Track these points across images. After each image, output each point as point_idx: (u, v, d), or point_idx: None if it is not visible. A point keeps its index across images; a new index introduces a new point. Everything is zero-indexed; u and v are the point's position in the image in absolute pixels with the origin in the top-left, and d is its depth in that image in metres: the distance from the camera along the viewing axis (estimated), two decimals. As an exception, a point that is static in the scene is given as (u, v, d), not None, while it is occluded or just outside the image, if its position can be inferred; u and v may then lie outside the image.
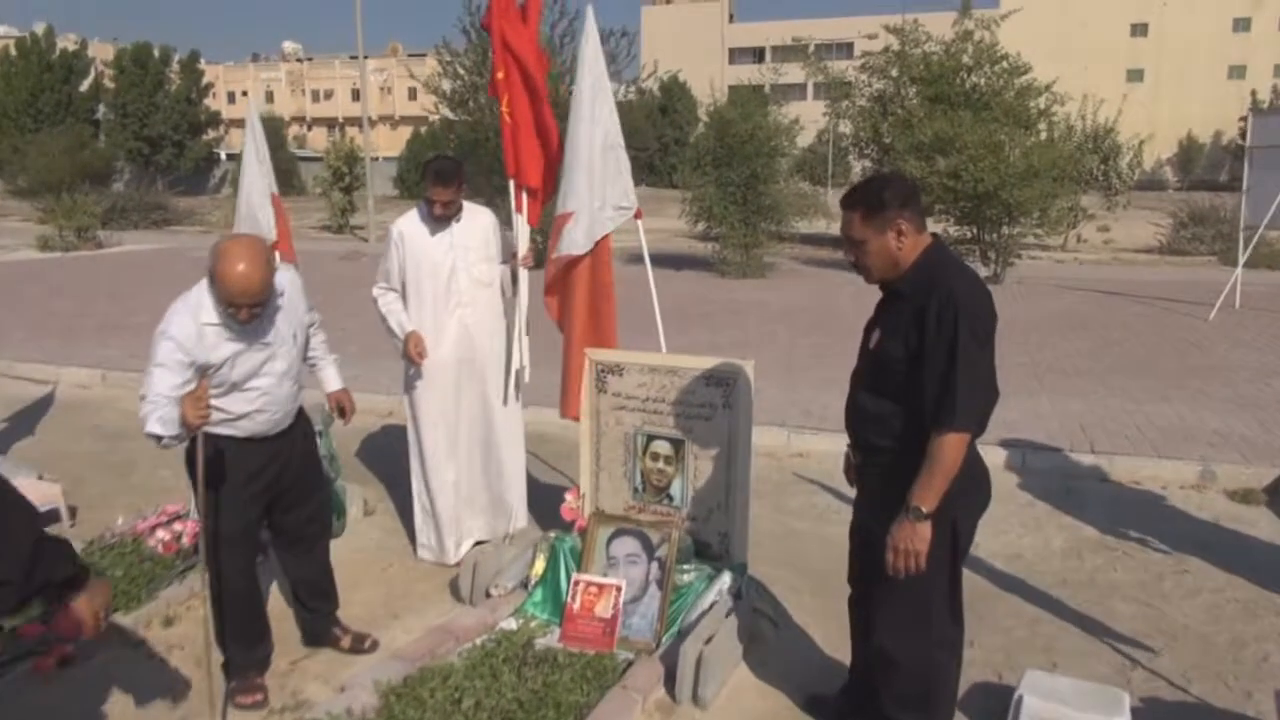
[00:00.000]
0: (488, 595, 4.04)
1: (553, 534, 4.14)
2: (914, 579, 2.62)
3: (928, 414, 2.55)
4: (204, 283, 3.08)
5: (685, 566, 3.82)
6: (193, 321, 3.04)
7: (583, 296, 4.36)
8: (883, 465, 2.76)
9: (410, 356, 4.29)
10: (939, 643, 2.80)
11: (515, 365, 4.51)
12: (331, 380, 3.79)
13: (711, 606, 3.64)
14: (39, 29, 50.65)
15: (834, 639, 3.69)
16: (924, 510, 2.55)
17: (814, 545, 4.77)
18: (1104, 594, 4.25)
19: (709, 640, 3.38)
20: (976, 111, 16.33)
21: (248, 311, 3.00)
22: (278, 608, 3.98)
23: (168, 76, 51.32)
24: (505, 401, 4.55)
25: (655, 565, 3.81)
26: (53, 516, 4.87)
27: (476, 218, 4.41)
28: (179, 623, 3.93)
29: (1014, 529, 5.00)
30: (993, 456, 5.65)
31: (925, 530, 2.56)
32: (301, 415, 3.51)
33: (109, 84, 51.30)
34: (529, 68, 4.28)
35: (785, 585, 4.31)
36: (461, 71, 18.24)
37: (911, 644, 2.77)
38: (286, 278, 3.34)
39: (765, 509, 5.17)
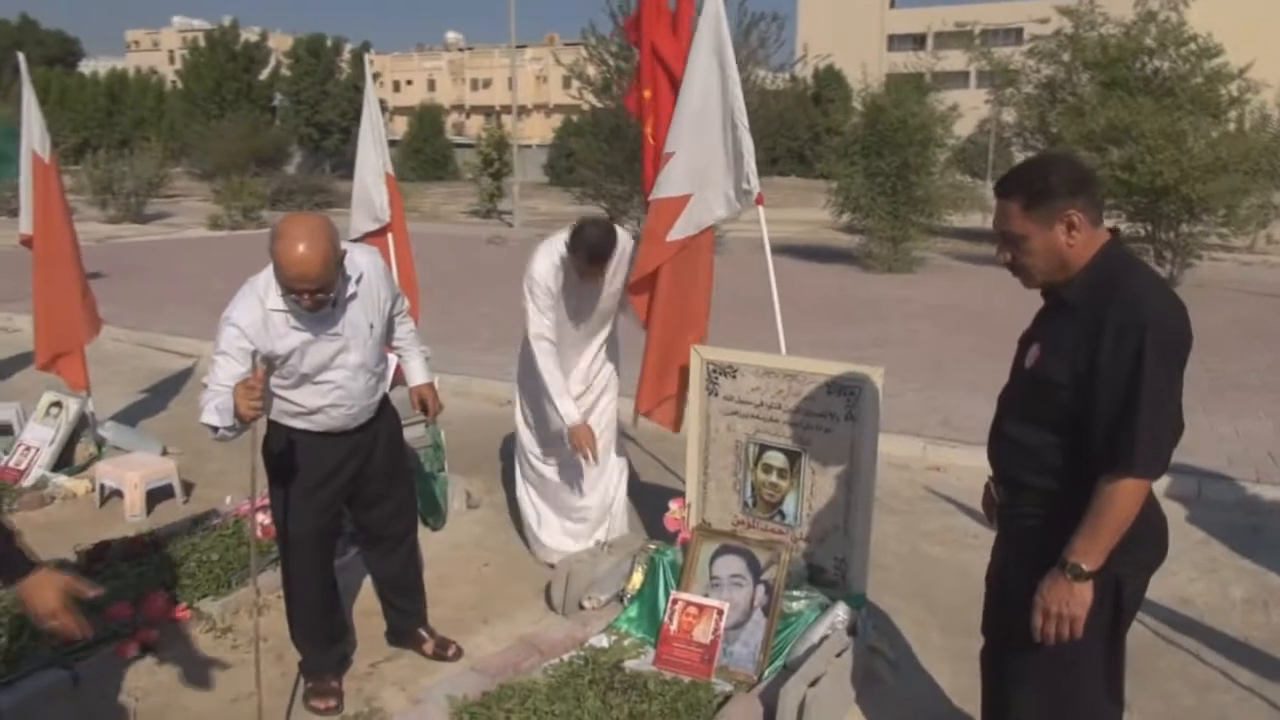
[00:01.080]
0: (580, 606, 3.77)
1: (653, 545, 3.82)
2: (1064, 647, 2.13)
3: (1097, 453, 2.04)
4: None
5: (795, 593, 3.44)
6: (259, 306, 2.86)
7: (674, 287, 4.01)
8: (1033, 509, 2.24)
9: (576, 447, 4.00)
10: (1087, 720, 2.31)
11: None
12: (417, 373, 3.54)
13: (822, 641, 3.24)
14: (226, 21, 54.13)
15: (964, 687, 3.22)
16: (1085, 569, 2.05)
17: (948, 575, 4.27)
18: (1296, 658, 3.60)
19: (816, 681, 2.99)
20: (1158, 98, 14.95)
21: (310, 298, 2.77)
22: (367, 604, 3.83)
23: (338, 66, 53.83)
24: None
25: (761, 589, 3.44)
26: (166, 491, 4.91)
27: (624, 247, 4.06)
28: (269, 612, 3.81)
29: (1184, 570, 4.34)
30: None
31: (1085, 593, 2.07)
32: (386, 407, 3.31)
33: (286, 73, 54.23)
34: (679, 84, 3.93)
35: (911, 619, 3.86)
36: (607, 57, 18.12)
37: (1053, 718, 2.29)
38: (365, 260, 3.09)
39: (894, 529, 4.70)
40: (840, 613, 3.34)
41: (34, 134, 4.98)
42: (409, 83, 75.77)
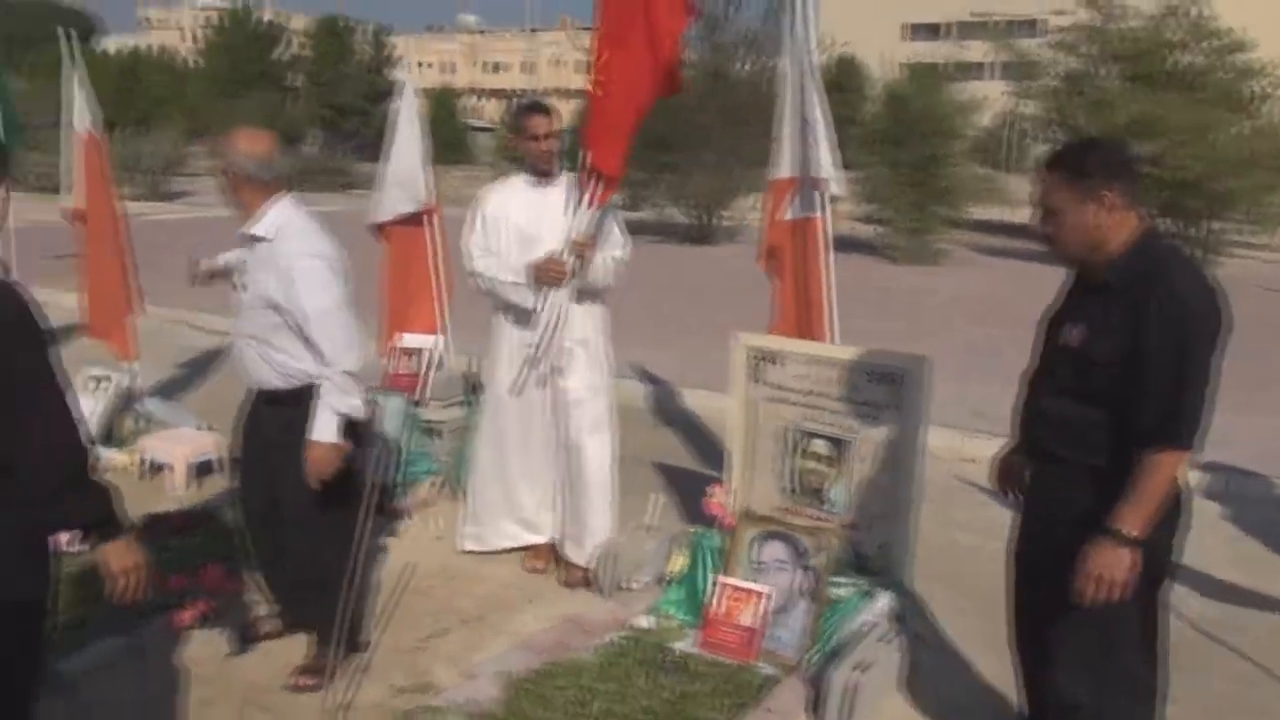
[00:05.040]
0: (622, 588, 3.83)
1: (695, 529, 3.88)
2: (1100, 611, 2.28)
3: (1143, 427, 2.23)
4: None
5: (840, 579, 3.48)
6: None
7: (793, 269, 4.06)
8: (1071, 481, 2.39)
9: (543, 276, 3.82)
10: (1128, 686, 2.41)
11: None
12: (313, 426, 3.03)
13: (867, 628, 3.29)
14: (244, 1, 54.11)
15: (999, 670, 3.26)
16: (1133, 534, 2.22)
17: (982, 563, 4.30)
18: (1335, 654, 3.63)
19: (864, 667, 3.04)
20: (1184, 93, 14.87)
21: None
22: (416, 582, 3.91)
23: (356, 47, 53.77)
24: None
25: (806, 575, 3.49)
26: (207, 466, 4.99)
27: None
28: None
29: (1220, 565, 4.37)
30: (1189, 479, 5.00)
31: (1130, 557, 2.23)
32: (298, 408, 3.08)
33: (305, 54, 54.21)
34: (658, 21, 3.56)
35: (947, 606, 3.90)
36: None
37: (1095, 686, 2.39)
38: (294, 230, 3.02)
39: (928, 519, 4.70)
40: (885, 600, 3.39)
41: (81, 112, 5.04)
42: (428, 65, 75.72)
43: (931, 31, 63.40)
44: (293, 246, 2.99)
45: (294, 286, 2.94)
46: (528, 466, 4.09)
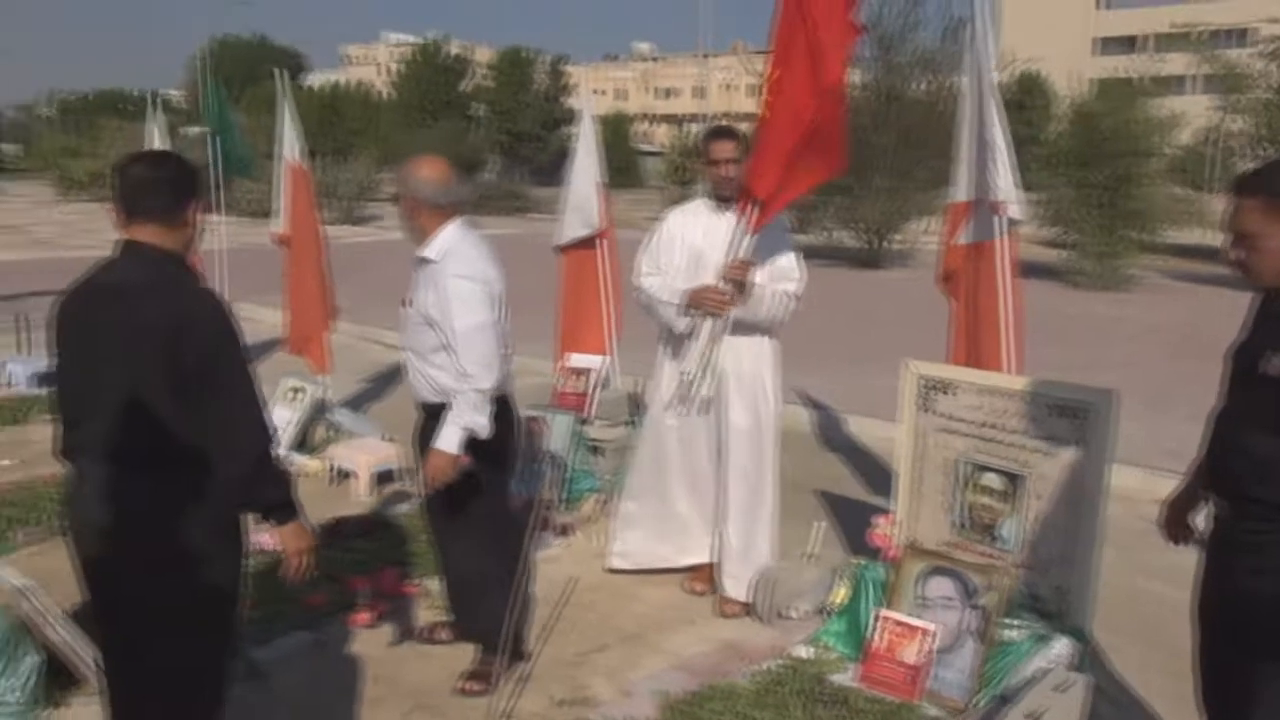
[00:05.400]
0: (782, 616, 3.78)
1: (858, 560, 3.79)
2: None
3: None
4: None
5: (1011, 621, 3.31)
6: None
7: (969, 295, 3.95)
8: (1269, 524, 2.19)
9: (701, 303, 3.81)
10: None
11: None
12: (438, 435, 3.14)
13: (1040, 674, 3.11)
14: (434, 36, 57.49)
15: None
16: None
17: (1172, 614, 3.97)
18: None
19: (1036, 716, 2.88)
20: None
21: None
22: (577, 596, 3.99)
23: (535, 77, 56.00)
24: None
25: (975, 614, 3.34)
26: (389, 475, 5.28)
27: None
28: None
29: None
30: None
31: None
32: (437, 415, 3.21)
33: (487, 84, 56.93)
34: (823, 46, 3.43)
35: (1131, 657, 3.64)
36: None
37: None
38: (458, 253, 3.17)
39: (1114, 562, 4.40)
40: (1060, 646, 3.20)
41: (291, 143, 5.50)
42: (601, 92, 77.88)
43: (1125, 44, 59.81)
44: (453, 268, 3.12)
45: (449, 304, 3.09)
46: (685, 492, 4.08)
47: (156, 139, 7.98)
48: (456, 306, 3.08)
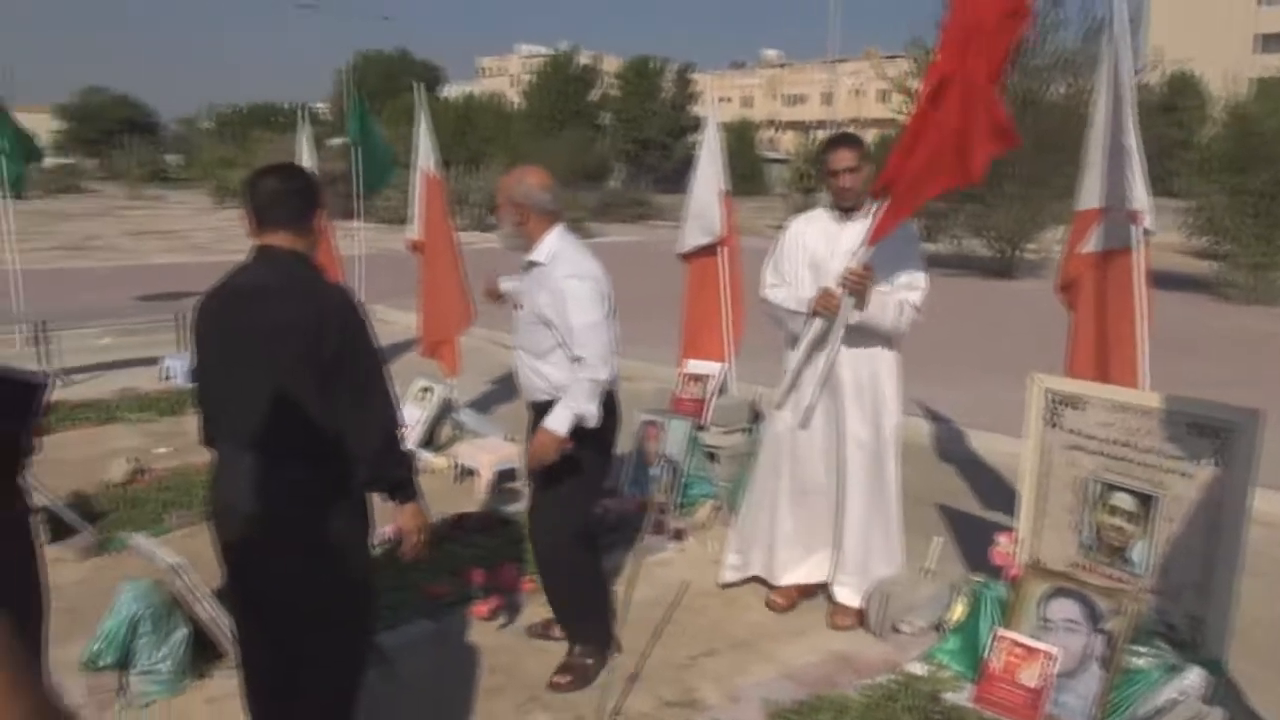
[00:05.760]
0: (896, 630, 3.72)
1: (977, 578, 3.69)
2: None
3: None
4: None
5: (1140, 649, 3.16)
6: None
7: (1093, 306, 3.82)
8: None
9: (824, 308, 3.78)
10: None
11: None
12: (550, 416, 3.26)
13: (1170, 705, 2.97)
14: (564, 47, 58.73)
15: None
16: None
17: (1325, 651, 3.74)
18: None
19: (1163, 748, 2.75)
20: None
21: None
22: (687, 600, 4.02)
23: (661, 85, 56.48)
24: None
25: (1099, 639, 3.21)
26: (509, 474, 5.44)
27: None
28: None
29: None
30: None
31: None
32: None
33: (614, 93, 57.76)
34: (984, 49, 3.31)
35: (1273, 694, 3.42)
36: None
37: None
38: (565, 256, 3.30)
39: (1258, 592, 4.16)
40: (1193, 677, 3.04)
41: (426, 152, 5.75)
42: (726, 100, 77.84)
43: (1290, 41, 55.89)
44: (565, 269, 3.25)
45: (564, 304, 3.21)
46: (797, 506, 4.03)
47: (305, 149, 8.46)
48: (572, 305, 3.20)
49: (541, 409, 3.34)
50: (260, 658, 2.57)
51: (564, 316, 3.22)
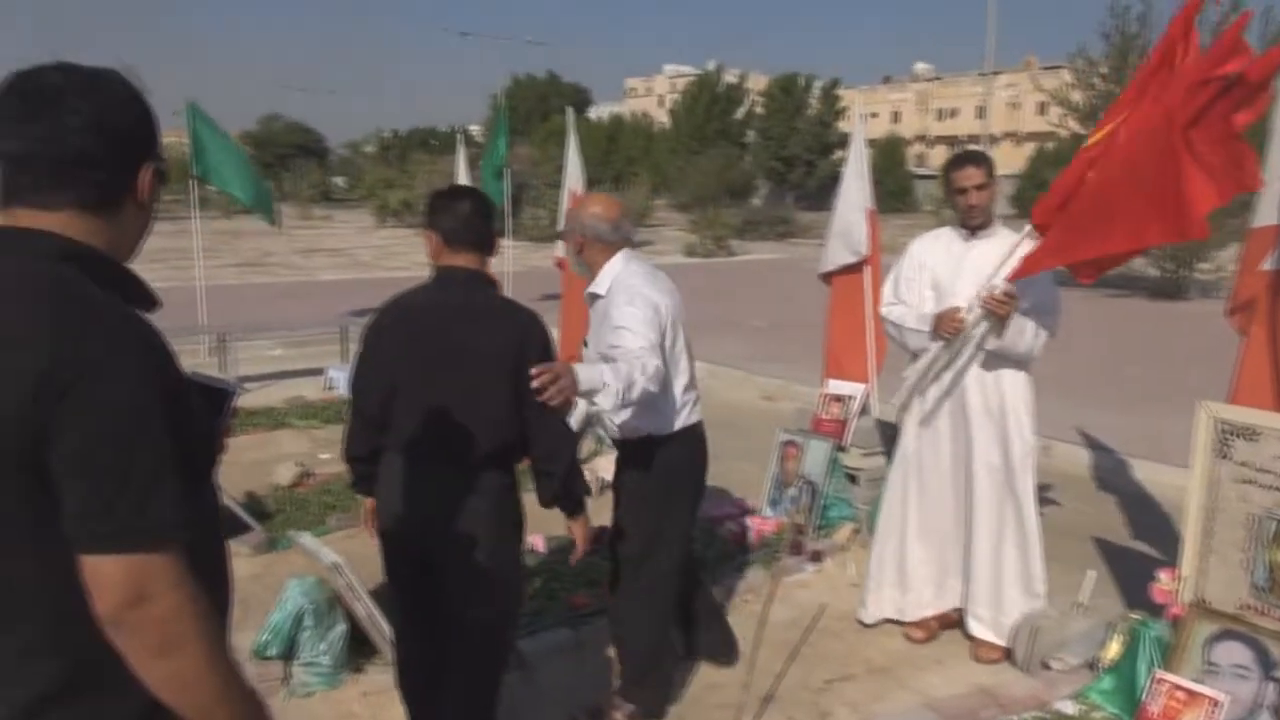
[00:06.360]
0: (1045, 666, 3.57)
1: (1135, 615, 3.50)
2: None
3: None
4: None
5: (1320, 701, 2.93)
6: None
7: (1271, 334, 3.59)
8: None
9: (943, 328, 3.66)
10: None
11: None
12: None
13: (1355, 765, 2.73)
14: (711, 66, 59.16)
15: None
16: None
17: None
18: None
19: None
20: None
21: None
22: (823, 623, 3.98)
23: (807, 102, 56.04)
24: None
25: (1272, 687, 2.99)
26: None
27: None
28: (732, 613, 4.12)
29: None
30: None
31: None
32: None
33: (759, 111, 57.72)
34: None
35: None
36: (1095, 81, 16.78)
37: None
38: (623, 285, 3.06)
39: None
40: (1383, 736, 2.79)
41: (574, 173, 5.93)
42: (874, 115, 76.45)
43: None
44: (620, 298, 3.02)
45: (618, 333, 2.92)
46: (926, 534, 3.92)
47: (462, 171, 8.84)
48: (627, 336, 2.89)
49: (630, 446, 3.22)
50: (421, 654, 2.73)
51: (618, 346, 2.88)
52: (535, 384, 2.29)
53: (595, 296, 3.18)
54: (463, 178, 8.48)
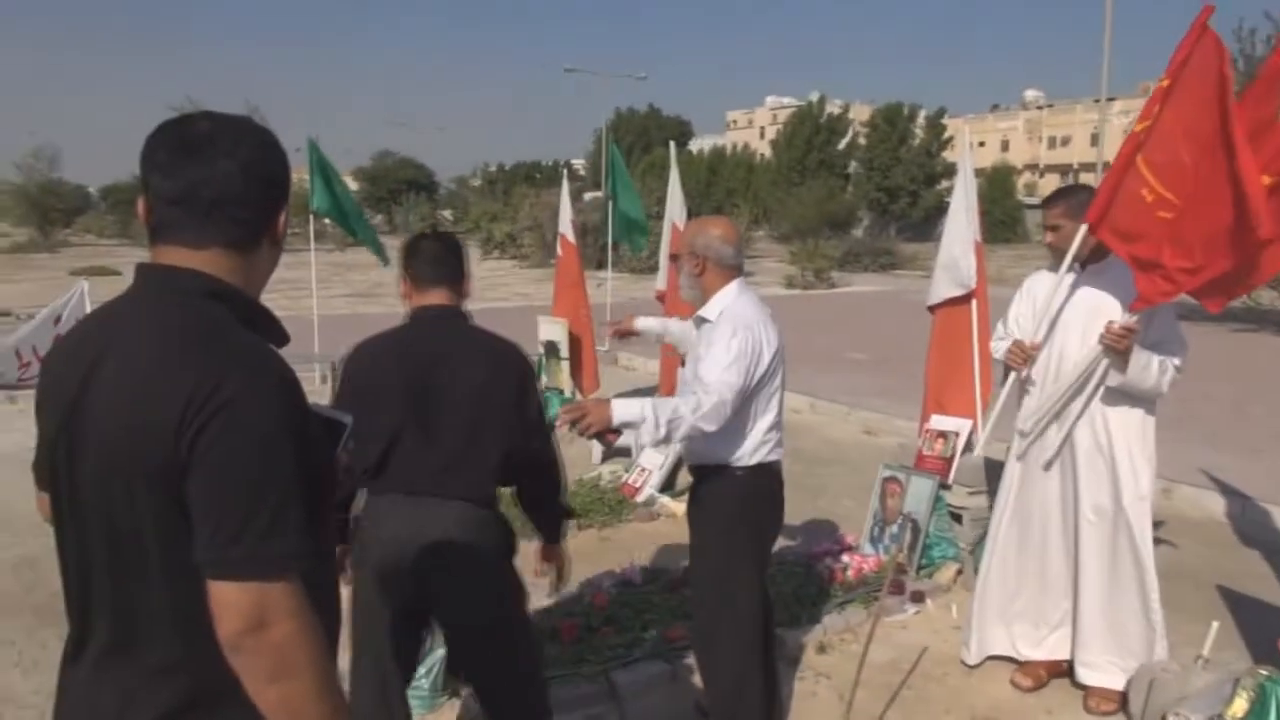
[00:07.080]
0: (1164, 721, 3.38)
1: (1264, 671, 3.28)
2: None
3: None
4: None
5: None
6: None
7: None
8: None
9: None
10: None
11: None
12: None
13: None
14: (813, 97, 59.01)
15: None
16: None
17: None
18: None
19: None
20: None
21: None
22: (936, 671, 3.87)
23: (912, 131, 55.26)
24: None
25: None
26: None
27: None
28: (830, 651, 4.06)
29: None
30: None
31: None
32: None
33: (862, 141, 57.22)
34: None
35: None
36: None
37: None
38: (732, 314, 2.99)
39: None
40: None
41: (676, 207, 6.00)
42: (981, 144, 74.83)
43: None
44: (727, 327, 2.95)
45: (716, 359, 2.88)
46: (1032, 577, 3.77)
47: (565, 204, 8.99)
48: (714, 370, 2.86)
49: (702, 474, 3.13)
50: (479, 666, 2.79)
51: (711, 369, 2.86)
52: (560, 422, 2.61)
53: (703, 320, 3.12)
54: (566, 211, 8.62)
